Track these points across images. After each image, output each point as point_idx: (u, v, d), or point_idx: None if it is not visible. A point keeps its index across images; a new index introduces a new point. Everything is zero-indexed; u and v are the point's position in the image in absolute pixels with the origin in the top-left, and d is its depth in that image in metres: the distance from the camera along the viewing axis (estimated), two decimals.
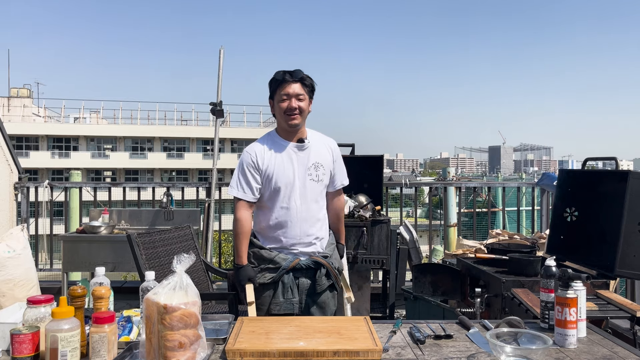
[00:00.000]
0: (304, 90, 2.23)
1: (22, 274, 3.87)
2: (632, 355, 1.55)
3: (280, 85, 2.22)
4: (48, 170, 33.76)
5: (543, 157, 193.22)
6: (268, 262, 2.24)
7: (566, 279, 1.68)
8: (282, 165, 2.23)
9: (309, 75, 2.27)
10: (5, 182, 4.93)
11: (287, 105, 2.20)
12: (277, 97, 2.23)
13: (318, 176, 2.27)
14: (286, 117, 2.21)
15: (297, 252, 2.26)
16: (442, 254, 5.91)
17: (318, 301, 2.29)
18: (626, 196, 2.51)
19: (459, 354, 1.56)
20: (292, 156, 2.25)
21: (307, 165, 2.26)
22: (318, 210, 2.31)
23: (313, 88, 2.28)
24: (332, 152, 2.37)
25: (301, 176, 2.25)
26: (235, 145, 38.13)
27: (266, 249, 2.27)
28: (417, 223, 5.25)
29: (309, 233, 2.27)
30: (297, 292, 2.25)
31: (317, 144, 2.33)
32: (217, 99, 5.05)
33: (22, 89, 37.47)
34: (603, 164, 14.95)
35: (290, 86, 2.21)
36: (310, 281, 2.28)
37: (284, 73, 2.22)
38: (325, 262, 2.30)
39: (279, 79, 2.22)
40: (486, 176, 44.32)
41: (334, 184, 2.41)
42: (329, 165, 2.34)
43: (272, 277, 2.22)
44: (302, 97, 2.22)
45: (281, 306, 2.22)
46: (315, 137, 2.35)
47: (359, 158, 4.46)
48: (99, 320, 1.42)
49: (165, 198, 4.91)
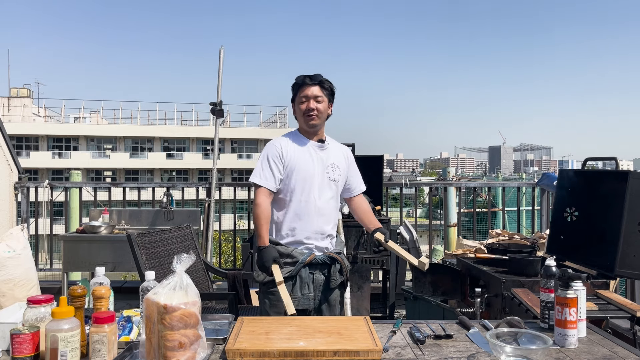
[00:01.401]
0: (323, 93, 2.34)
1: (22, 274, 3.87)
2: (632, 355, 1.55)
3: (300, 88, 2.34)
4: (48, 170, 33.76)
5: (543, 157, 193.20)
6: (285, 256, 2.28)
7: (566, 279, 1.68)
8: (303, 160, 2.33)
9: (328, 80, 2.37)
10: (5, 182, 4.93)
11: (306, 106, 2.32)
12: (298, 99, 2.35)
13: (335, 176, 2.38)
14: (305, 118, 2.33)
15: (312, 247, 2.31)
16: (442, 254, 5.92)
17: (329, 298, 2.35)
18: (626, 196, 2.51)
19: (459, 354, 1.56)
20: (313, 153, 2.35)
21: (325, 164, 2.36)
22: (333, 209, 2.40)
23: (332, 91, 2.39)
24: (346, 157, 2.49)
25: (320, 173, 2.34)
26: (235, 145, 38.15)
27: (282, 244, 2.31)
28: (417, 223, 5.25)
29: (323, 229, 2.35)
30: (312, 288, 2.30)
31: (334, 148, 2.45)
32: (217, 99, 5.05)
33: (22, 89, 37.46)
34: (603, 164, 14.96)
35: (310, 89, 2.32)
36: (325, 277, 2.34)
37: (304, 77, 2.35)
38: (339, 258, 2.38)
39: (299, 82, 2.35)
40: (486, 176, 44.34)
41: (352, 190, 2.52)
42: (344, 168, 2.45)
43: (290, 271, 2.26)
44: (320, 99, 2.33)
45: (299, 301, 2.26)
46: (333, 142, 2.48)
47: (359, 158, 4.40)
48: (99, 320, 1.42)
49: (165, 198, 4.91)
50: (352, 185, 2.51)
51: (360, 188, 2.55)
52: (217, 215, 5.40)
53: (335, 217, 2.43)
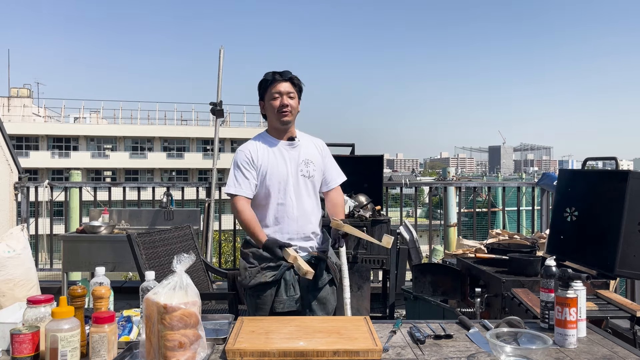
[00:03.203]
0: (294, 89, 2.33)
1: (22, 274, 3.87)
2: (632, 355, 1.55)
3: (272, 84, 2.31)
4: (48, 170, 33.75)
5: (543, 157, 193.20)
6: (268, 260, 2.25)
7: (566, 279, 1.68)
8: (275, 162, 2.30)
9: (297, 76, 2.36)
10: (5, 182, 4.93)
11: (279, 102, 2.29)
12: (268, 96, 2.32)
13: (309, 172, 2.35)
14: (278, 114, 2.30)
15: (296, 248, 2.28)
16: (442, 254, 5.91)
17: (319, 297, 2.32)
18: (626, 196, 2.51)
19: (459, 354, 1.56)
20: (284, 153, 2.33)
21: (298, 162, 2.34)
22: (312, 206, 2.37)
23: (301, 88, 2.39)
24: (320, 150, 2.45)
25: (294, 172, 2.31)
26: (235, 145, 38.12)
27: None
28: (417, 223, 5.25)
29: (305, 228, 2.32)
30: (298, 289, 2.27)
31: (306, 143, 2.42)
32: (217, 99, 5.05)
33: (22, 89, 37.46)
34: (603, 164, 14.97)
35: (281, 84, 2.30)
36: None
37: (273, 73, 2.32)
38: (323, 257, 2.34)
39: (269, 79, 2.32)
40: (486, 176, 44.34)
41: (328, 183, 2.47)
42: (319, 162, 2.41)
43: (274, 274, 2.23)
44: (292, 95, 2.32)
45: (284, 304, 2.24)
46: (304, 137, 2.44)
47: (359, 158, 4.46)
48: (99, 320, 1.42)
49: (165, 198, 4.91)
50: (328, 178, 2.46)
51: (337, 180, 2.49)
52: (217, 215, 5.40)
53: (317, 215, 2.39)
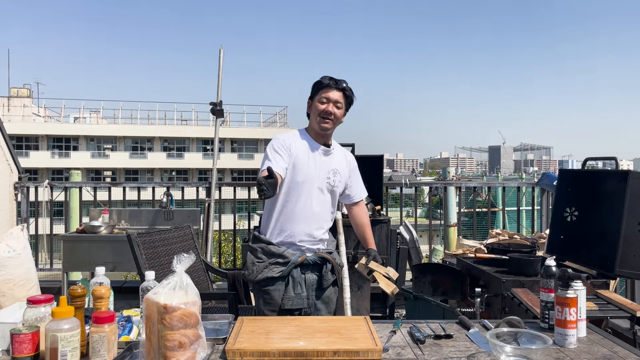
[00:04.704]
0: (343, 100, 2.34)
1: (22, 274, 3.87)
2: (632, 355, 1.55)
3: (324, 88, 2.32)
4: (48, 170, 33.75)
5: (543, 157, 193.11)
6: (277, 256, 2.28)
7: (566, 279, 1.68)
8: (306, 160, 2.31)
9: (351, 89, 2.37)
10: (5, 182, 4.93)
11: (324, 108, 2.30)
12: (318, 98, 2.33)
13: (335, 181, 2.36)
14: (320, 119, 2.31)
15: (304, 249, 2.31)
16: (442, 253, 5.92)
17: (323, 296, 2.35)
18: (626, 196, 2.51)
19: (459, 354, 1.56)
20: (317, 157, 2.34)
21: (328, 169, 2.35)
22: (328, 215, 2.40)
23: (351, 101, 2.39)
24: (349, 163, 2.48)
25: (321, 177, 2.32)
26: (235, 145, 38.14)
27: (274, 244, 2.31)
28: (417, 223, 5.25)
29: (316, 233, 2.34)
30: (304, 287, 2.30)
31: (338, 153, 2.44)
32: (217, 99, 5.04)
33: (22, 89, 37.43)
34: (603, 164, 14.95)
35: (333, 92, 2.31)
36: (317, 276, 2.34)
37: (330, 79, 2.33)
38: (330, 258, 2.38)
39: (324, 82, 2.33)
40: (486, 176, 44.34)
41: (352, 197, 2.52)
42: (346, 175, 2.44)
43: (282, 271, 2.26)
44: (339, 106, 2.33)
45: (293, 301, 2.27)
46: (337, 147, 2.46)
47: (359, 158, 4.40)
48: (99, 320, 1.42)
49: (165, 198, 4.91)
50: (352, 192, 2.51)
51: (360, 195, 2.55)
52: (217, 215, 5.40)
53: (328, 224, 2.41)
